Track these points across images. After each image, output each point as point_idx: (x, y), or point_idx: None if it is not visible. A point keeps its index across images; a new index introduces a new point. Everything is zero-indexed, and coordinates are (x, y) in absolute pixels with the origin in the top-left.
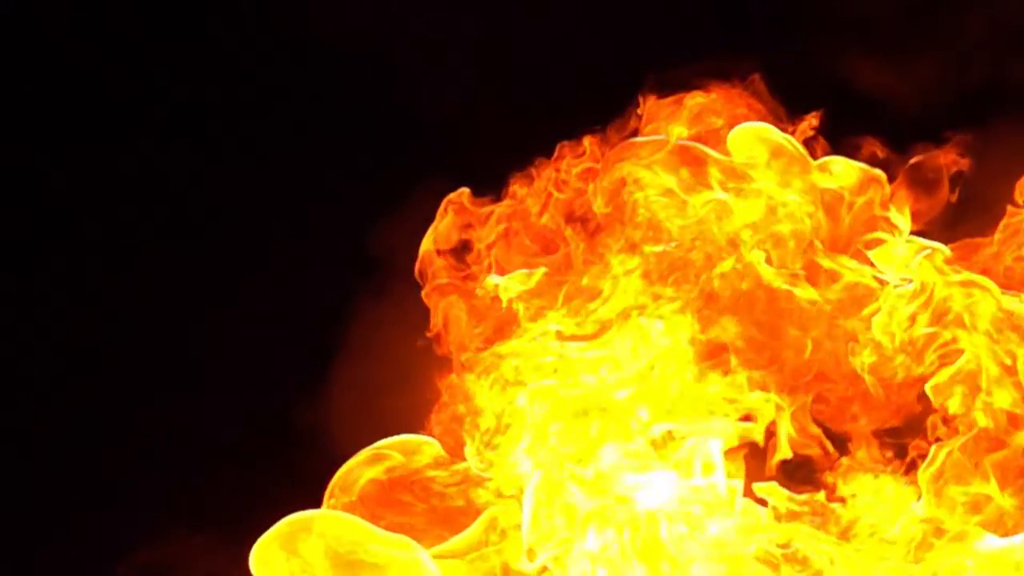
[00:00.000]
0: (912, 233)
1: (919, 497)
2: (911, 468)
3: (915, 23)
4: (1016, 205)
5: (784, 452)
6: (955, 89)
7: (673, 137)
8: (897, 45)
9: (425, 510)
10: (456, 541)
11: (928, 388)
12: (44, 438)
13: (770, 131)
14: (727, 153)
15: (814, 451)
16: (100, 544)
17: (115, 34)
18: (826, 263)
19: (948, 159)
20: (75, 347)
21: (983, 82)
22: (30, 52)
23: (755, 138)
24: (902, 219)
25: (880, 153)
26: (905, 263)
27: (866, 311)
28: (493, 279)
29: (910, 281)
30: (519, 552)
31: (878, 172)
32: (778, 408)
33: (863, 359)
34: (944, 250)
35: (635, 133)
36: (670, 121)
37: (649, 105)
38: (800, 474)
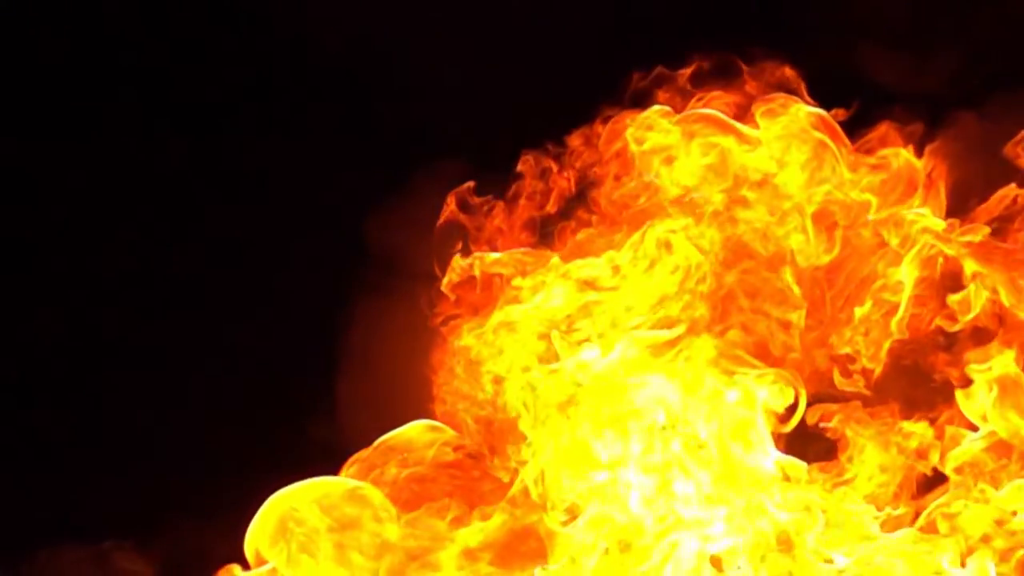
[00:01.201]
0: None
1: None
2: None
3: (921, 18)
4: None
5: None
6: (962, 84)
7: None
8: (906, 40)
9: (442, 493)
10: (488, 514)
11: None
12: (45, 438)
13: (803, 107)
14: (755, 127)
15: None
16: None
17: (116, 34)
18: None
19: (979, 133)
20: (75, 348)
21: (991, 75)
22: (30, 52)
23: (786, 114)
24: (932, 206)
25: (904, 136)
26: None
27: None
28: (460, 260)
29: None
30: (551, 513)
31: (911, 157)
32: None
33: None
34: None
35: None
36: (684, 96)
37: (658, 81)
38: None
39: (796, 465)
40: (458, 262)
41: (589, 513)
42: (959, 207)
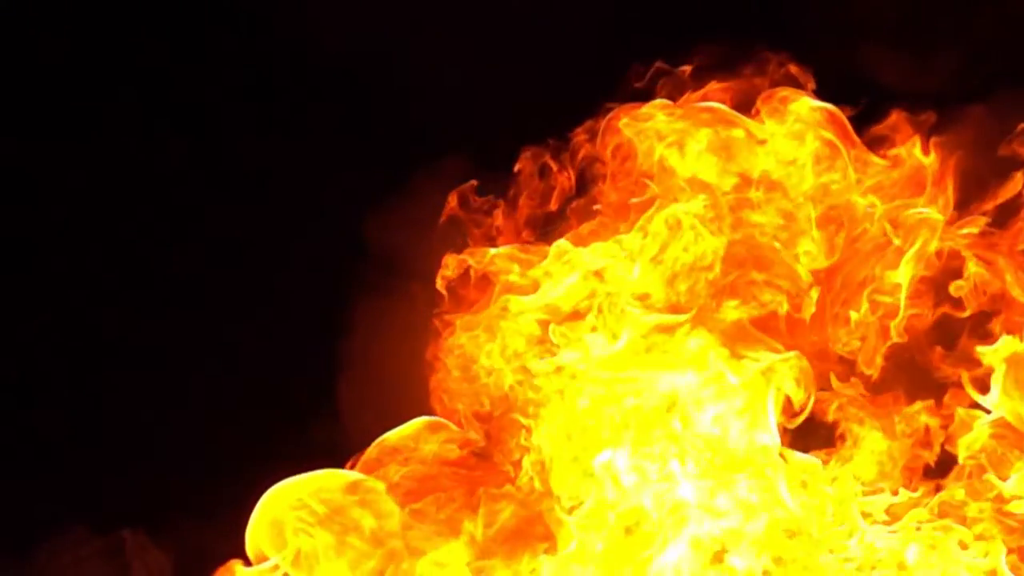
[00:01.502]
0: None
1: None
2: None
3: (921, 18)
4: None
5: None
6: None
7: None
8: (906, 40)
9: (445, 488)
10: (493, 502)
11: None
12: (44, 438)
13: (808, 101)
14: (760, 121)
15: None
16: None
17: (116, 34)
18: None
19: (984, 128)
20: (75, 348)
21: (992, 75)
22: (30, 52)
23: (791, 108)
24: (940, 202)
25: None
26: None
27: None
28: (454, 256)
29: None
30: (556, 500)
31: (919, 154)
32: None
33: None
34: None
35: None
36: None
37: (658, 76)
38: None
39: (803, 456)
40: (452, 259)
41: (594, 499)
42: (965, 203)
